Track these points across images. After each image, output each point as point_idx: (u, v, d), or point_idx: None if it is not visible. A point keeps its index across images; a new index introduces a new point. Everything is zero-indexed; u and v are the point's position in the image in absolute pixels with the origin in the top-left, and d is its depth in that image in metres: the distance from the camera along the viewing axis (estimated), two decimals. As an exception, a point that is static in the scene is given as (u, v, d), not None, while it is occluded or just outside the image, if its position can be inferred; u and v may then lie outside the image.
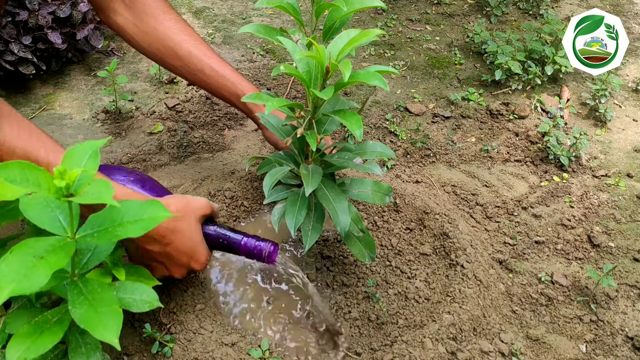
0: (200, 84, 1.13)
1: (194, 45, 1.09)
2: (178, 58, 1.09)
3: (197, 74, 1.10)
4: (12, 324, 0.72)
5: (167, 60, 1.10)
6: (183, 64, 1.09)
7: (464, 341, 0.99)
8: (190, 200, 0.92)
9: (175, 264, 0.90)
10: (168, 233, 0.86)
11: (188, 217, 0.90)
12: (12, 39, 1.48)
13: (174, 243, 0.87)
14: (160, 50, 1.09)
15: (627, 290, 1.13)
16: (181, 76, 1.14)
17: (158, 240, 0.86)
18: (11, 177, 0.59)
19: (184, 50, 1.08)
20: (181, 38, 1.08)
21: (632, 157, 1.51)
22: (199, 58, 1.09)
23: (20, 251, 0.61)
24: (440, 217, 1.22)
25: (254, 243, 0.95)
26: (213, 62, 1.10)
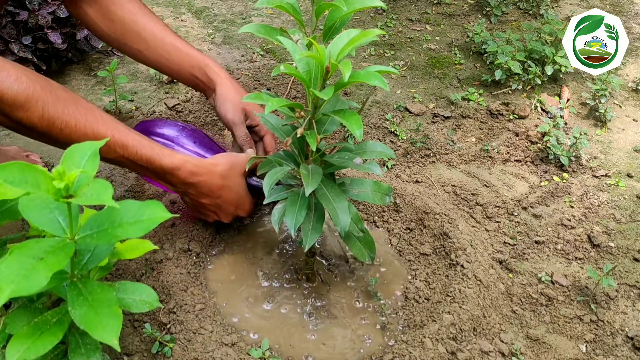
0: (163, 64, 1.15)
1: (158, 27, 1.13)
2: (142, 40, 1.12)
3: (159, 53, 1.13)
4: (12, 324, 0.71)
5: (131, 44, 1.13)
6: (147, 46, 1.12)
7: (464, 341, 0.99)
8: (235, 159, 1.06)
9: (224, 212, 1.08)
10: (218, 190, 1.03)
11: (234, 174, 1.05)
12: (12, 39, 1.48)
13: (223, 197, 1.04)
14: (125, 36, 1.12)
15: (627, 290, 1.13)
16: (144, 60, 1.16)
17: (210, 195, 1.03)
18: (10, 178, 0.59)
19: (148, 32, 1.12)
20: (145, 21, 1.12)
21: (632, 157, 1.51)
22: (162, 37, 1.12)
23: (19, 252, 0.61)
24: (440, 217, 1.22)
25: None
26: (176, 41, 1.14)
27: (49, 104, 0.85)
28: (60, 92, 0.87)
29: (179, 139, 1.09)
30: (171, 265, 1.06)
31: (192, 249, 1.11)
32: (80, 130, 0.87)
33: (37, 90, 0.83)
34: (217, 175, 1.02)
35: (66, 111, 0.86)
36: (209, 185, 1.01)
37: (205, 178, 1.01)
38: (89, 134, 0.88)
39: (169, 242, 1.11)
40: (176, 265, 1.07)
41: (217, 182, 1.02)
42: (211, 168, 1.02)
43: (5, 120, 0.85)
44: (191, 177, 0.99)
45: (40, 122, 0.84)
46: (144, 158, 0.95)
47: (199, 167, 1.00)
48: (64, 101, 0.87)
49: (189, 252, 1.11)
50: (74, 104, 0.88)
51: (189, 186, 1.01)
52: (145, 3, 2.10)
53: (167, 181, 1.00)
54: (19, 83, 0.82)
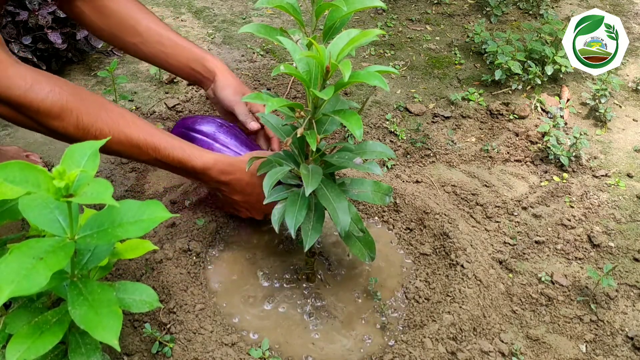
0: (158, 57, 1.15)
1: (153, 21, 1.14)
2: (137, 34, 1.13)
3: (156, 46, 1.14)
4: (12, 324, 0.71)
5: (125, 38, 1.13)
6: (142, 39, 1.13)
7: (464, 341, 0.99)
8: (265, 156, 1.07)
9: (255, 209, 1.11)
10: (249, 187, 1.05)
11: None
12: (12, 39, 1.48)
13: (254, 194, 1.06)
14: (119, 30, 1.13)
15: (627, 290, 1.13)
16: (138, 54, 1.16)
17: (242, 192, 1.05)
18: (10, 178, 0.59)
19: (143, 26, 1.13)
20: (140, 15, 1.13)
21: (632, 157, 1.51)
22: (158, 31, 1.13)
23: (19, 252, 0.61)
24: (440, 217, 1.22)
25: None
26: (172, 35, 1.15)
27: (83, 113, 0.88)
28: (89, 99, 0.90)
29: (216, 135, 1.12)
30: (171, 265, 1.06)
31: (192, 249, 1.11)
32: (114, 137, 0.90)
33: (70, 100, 0.86)
34: (249, 173, 1.03)
35: (99, 119, 0.89)
36: (241, 183, 1.04)
37: (237, 176, 1.03)
38: (122, 139, 0.92)
39: (169, 242, 1.11)
40: (176, 265, 1.07)
41: (249, 180, 1.04)
42: (242, 166, 1.03)
43: (41, 129, 0.88)
44: (223, 176, 1.02)
45: (76, 131, 0.87)
46: (176, 160, 0.97)
47: (230, 166, 1.02)
48: (96, 108, 0.90)
49: (189, 252, 1.10)
50: (105, 110, 0.91)
51: (222, 184, 1.03)
52: (145, 3, 2.10)
53: (199, 180, 1.04)
54: (53, 94, 0.84)
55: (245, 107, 1.15)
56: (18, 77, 0.82)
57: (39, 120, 0.86)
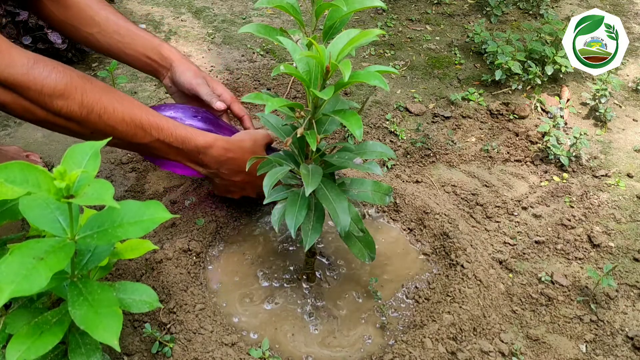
0: (116, 47, 1.15)
1: (112, 12, 1.14)
2: (95, 24, 1.12)
3: (113, 36, 1.13)
4: (12, 324, 0.71)
5: (84, 29, 1.13)
6: (100, 29, 1.13)
7: (464, 341, 0.99)
8: (256, 135, 1.10)
9: (252, 186, 1.12)
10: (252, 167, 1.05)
11: (259, 149, 1.09)
12: (12, 39, 1.47)
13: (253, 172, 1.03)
14: (78, 21, 1.12)
15: (627, 290, 1.13)
16: (96, 45, 1.15)
17: (242, 171, 1.04)
18: (11, 178, 0.59)
19: (102, 17, 1.12)
20: (99, 6, 1.13)
21: (632, 157, 1.51)
22: (116, 22, 1.13)
23: (20, 252, 0.60)
24: (440, 217, 1.22)
25: None
26: (129, 25, 1.15)
27: (87, 90, 0.87)
28: (92, 79, 0.89)
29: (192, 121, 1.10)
30: (171, 265, 1.06)
31: (192, 249, 1.11)
32: (118, 116, 0.89)
33: (74, 78, 0.86)
34: (247, 150, 1.05)
35: (104, 97, 0.88)
36: (241, 161, 1.04)
37: (237, 155, 1.04)
38: (127, 119, 0.91)
39: (169, 242, 1.11)
40: (176, 265, 1.07)
41: (248, 157, 1.04)
42: (240, 144, 1.05)
43: (42, 114, 0.86)
44: (224, 154, 1.02)
45: (80, 109, 0.86)
46: (180, 139, 0.97)
47: (230, 144, 1.03)
48: (100, 88, 0.89)
49: (189, 252, 1.11)
50: (109, 91, 0.90)
51: (222, 164, 1.03)
52: (145, 3, 2.10)
53: (199, 162, 1.03)
54: (57, 72, 0.84)
55: (208, 88, 1.15)
56: (20, 56, 0.81)
57: (42, 101, 0.84)
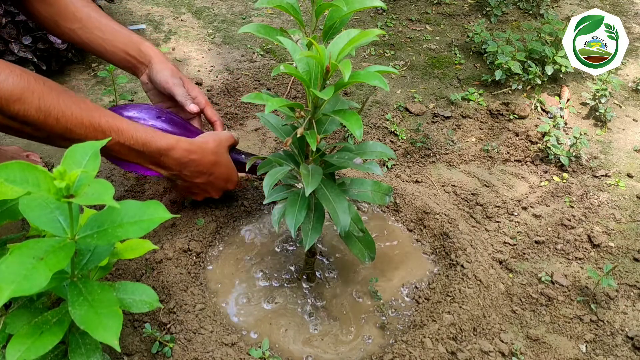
0: (96, 43, 1.15)
1: (94, 10, 1.15)
2: (77, 20, 1.13)
3: (94, 32, 1.14)
4: (12, 324, 0.71)
5: (65, 24, 1.13)
6: (81, 25, 1.13)
7: (464, 341, 0.99)
8: (220, 136, 1.11)
9: (215, 188, 1.12)
10: (211, 166, 1.07)
11: (222, 151, 1.09)
12: (12, 39, 1.48)
13: (215, 173, 1.08)
14: (60, 16, 1.13)
15: (627, 290, 1.13)
16: (77, 41, 1.15)
17: (204, 173, 1.06)
18: (11, 178, 0.59)
19: (84, 13, 1.13)
20: (82, 4, 1.14)
21: (632, 157, 1.51)
22: (98, 18, 1.14)
23: (20, 252, 0.60)
24: (440, 217, 1.22)
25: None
26: (111, 22, 1.16)
27: (45, 94, 0.85)
28: (51, 84, 0.88)
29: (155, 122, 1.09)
30: (171, 265, 1.06)
31: (192, 249, 1.11)
32: (77, 119, 0.87)
33: (31, 82, 0.84)
34: (209, 152, 1.05)
35: (61, 101, 0.86)
36: (204, 164, 1.05)
37: (199, 156, 1.04)
38: (85, 122, 0.88)
39: (169, 242, 1.11)
40: (176, 265, 1.07)
41: (211, 159, 1.06)
42: (203, 146, 1.05)
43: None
44: (186, 156, 1.01)
45: (37, 114, 0.84)
46: (140, 141, 0.95)
47: (192, 145, 1.03)
48: (57, 91, 0.87)
49: (189, 252, 1.11)
50: (66, 94, 0.88)
51: (184, 166, 1.02)
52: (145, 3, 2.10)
53: (161, 164, 1.00)
54: (14, 76, 0.82)
55: (184, 89, 1.15)
56: None
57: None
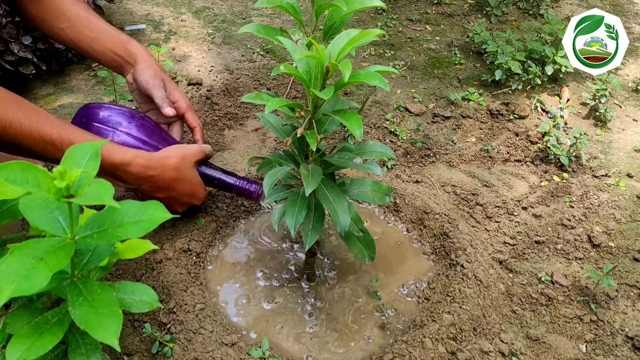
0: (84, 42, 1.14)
1: (83, 9, 1.14)
2: (65, 19, 1.12)
3: (83, 31, 1.13)
4: (12, 324, 0.71)
5: (54, 23, 1.12)
6: (70, 24, 1.12)
7: (464, 341, 0.99)
8: (185, 151, 1.07)
9: (178, 203, 1.09)
10: (172, 182, 1.03)
11: (187, 166, 1.06)
12: (12, 39, 1.48)
13: (177, 189, 1.05)
14: (49, 15, 1.12)
15: (627, 290, 1.13)
16: (65, 39, 1.14)
17: (165, 188, 1.03)
18: (11, 178, 0.59)
19: (73, 12, 1.12)
20: (71, 2, 1.13)
21: (632, 157, 1.51)
22: (87, 17, 1.13)
23: (20, 252, 0.60)
24: (440, 217, 1.22)
25: (245, 185, 1.13)
26: (100, 22, 1.14)
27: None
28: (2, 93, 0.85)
29: (124, 127, 1.05)
30: (171, 265, 1.06)
31: (192, 249, 1.11)
32: (25, 130, 0.85)
33: None
34: (170, 168, 1.02)
35: (9, 111, 0.83)
36: (163, 179, 1.01)
37: (158, 172, 1.00)
38: (34, 134, 0.86)
39: (169, 242, 1.11)
40: (176, 265, 1.07)
41: (171, 174, 1.02)
42: (164, 161, 1.01)
43: None
44: (144, 172, 0.98)
45: None
46: None
47: (151, 161, 0.99)
48: (7, 101, 0.84)
49: (189, 252, 1.11)
50: (16, 104, 0.86)
51: (142, 181, 0.99)
52: (145, 3, 2.10)
53: (118, 178, 0.97)
54: None
55: (163, 91, 1.13)
56: None
57: None
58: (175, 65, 1.74)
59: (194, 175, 1.08)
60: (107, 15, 1.92)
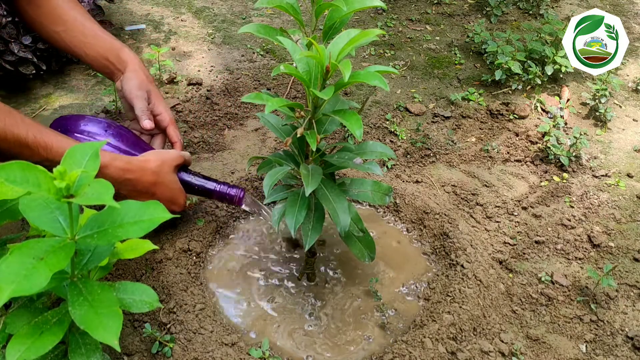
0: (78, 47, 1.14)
1: (80, 13, 1.15)
2: (62, 22, 1.13)
3: (77, 36, 1.13)
4: (12, 324, 0.71)
5: (50, 26, 1.13)
6: (65, 28, 1.13)
7: (464, 341, 0.99)
8: (164, 155, 1.06)
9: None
10: (151, 186, 1.02)
11: (166, 171, 1.05)
12: (12, 39, 1.48)
13: (157, 194, 1.03)
14: (46, 18, 1.13)
15: (627, 290, 1.13)
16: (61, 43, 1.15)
17: (144, 192, 1.01)
18: (11, 178, 0.59)
19: (70, 16, 1.13)
20: (69, 6, 1.14)
21: (632, 157, 1.51)
22: (82, 22, 1.14)
23: (20, 252, 0.60)
24: (440, 217, 1.22)
25: (226, 189, 1.10)
26: (95, 27, 1.15)
27: None
28: None
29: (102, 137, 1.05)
30: (171, 265, 1.06)
31: (192, 249, 1.11)
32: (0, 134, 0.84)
33: None
34: (149, 172, 1.01)
35: None
36: (142, 183, 1.00)
37: (137, 175, 0.99)
38: (9, 137, 0.85)
39: (169, 242, 1.11)
40: (176, 265, 1.07)
41: (150, 179, 1.01)
42: (143, 165, 1.01)
43: None
44: (122, 175, 0.97)
45: None
46: None
47: (129, 164, 0.99)
48: None
49: (189, 252, 1.11)
50: None
51: (120, 185, 0.98)
52: (145, 3, 2.10)
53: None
54: None
55: (145, 103, 1.12)
56: None
57: None
58: (175, 65, 1.74)
59: (174, 180, 1.06)
60: (107, 15, 1.92)
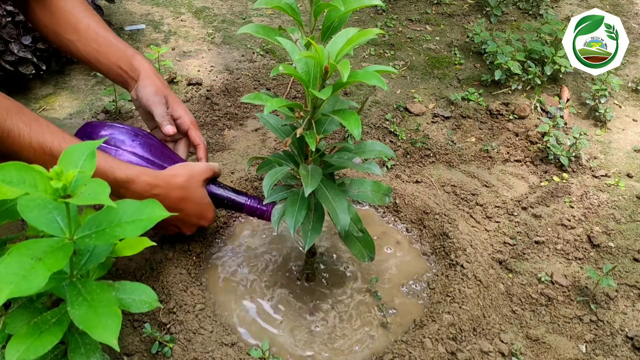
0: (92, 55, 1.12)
1: (94, 21, 1.13)
2: (76, 31, 1.11)
3: (91, 44, 1.11)
4: (12, 324, 0.71)
5: (64, 35, 1.11)
6: (79, 37, 1.11)
7: (464, 341, 0.99)
8: (193, 169, 1.01)
9: (186, 224, 1.04)
10: (179, 202, 0.98)
11: (195, 185, 1.00)
12: (12, 39, 1.48)
13: (185, 210, 1.00)
14: (60, 27, 1.11)
15: (627, 290, 1.13)
16: (75, 52, 1.13)
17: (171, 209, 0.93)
18: (8, 179, 0.59)
19: (83, 24, 1.11)
20: (83, 14, 1.12)
21: (632, 157, 1.50)
22: (96, 30, 1.11)
23: (18, 252, 0.60)
24: (440, 217, 1.22)
25: (257, 204, 1.07)
26: (108, 35, 1.12)
27: None
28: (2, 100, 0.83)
29: (128, 146, 1.01)
30: (171, 265, 1.06)
31: (192, 249, 1.11)
32: (24, 140, 0.83)
33: None
34: (177, 187, 0.97)
35: (9, 119, 0.82)
36: (170, 199, 0.96)
37: (164, 191, 0.95)
38: (34, 144, 0.84)
39: (169, 242, 1.11)
40: (176, 265, 1.07)
41: (178, 194, 0.97)
42: (170, 180, 0.97)
43: None
44: (149, 190, 0.93)
45: None
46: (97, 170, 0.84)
47: (156, 179, 0.95)
48: (7, 109, 0.82)
49: (189, 252, 1.11)
50: (16, 112, 0.83)
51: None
52: (145, 3, 2.10)
53: (121, 195, 0.92)
54: None
55: (165, 108, 1.09)
56: None
57: None
58: (175, 66, 1.74)
59: (203, 195, 1.02)
60: (107, 15, 1.92)
